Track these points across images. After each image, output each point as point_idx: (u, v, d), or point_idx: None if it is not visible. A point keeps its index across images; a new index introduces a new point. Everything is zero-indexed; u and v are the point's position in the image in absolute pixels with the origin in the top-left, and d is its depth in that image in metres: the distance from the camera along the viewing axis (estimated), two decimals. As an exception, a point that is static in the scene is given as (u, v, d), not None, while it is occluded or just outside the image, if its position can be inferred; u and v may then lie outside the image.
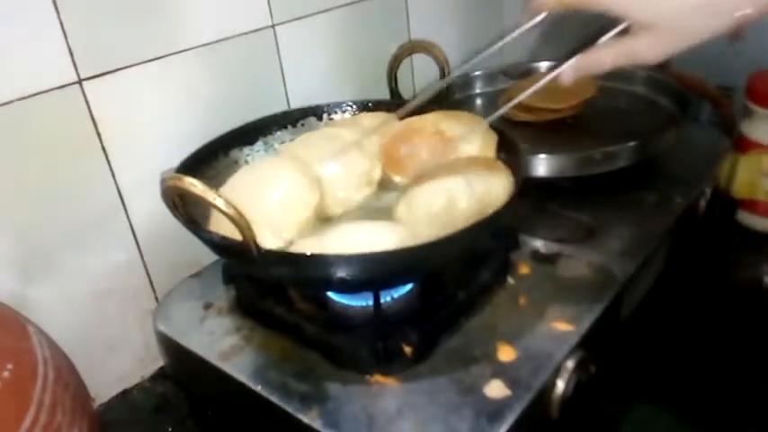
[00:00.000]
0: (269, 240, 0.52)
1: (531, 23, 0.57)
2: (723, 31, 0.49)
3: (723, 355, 0.72)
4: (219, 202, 0.43)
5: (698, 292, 0.79)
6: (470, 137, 0.65)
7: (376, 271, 0.50)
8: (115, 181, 0.66)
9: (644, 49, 0.50)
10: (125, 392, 0.70)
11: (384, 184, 0.65)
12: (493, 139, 0.66)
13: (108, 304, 0.68)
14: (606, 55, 0.52)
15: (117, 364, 0.70)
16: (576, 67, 0.54)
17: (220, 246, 0.49)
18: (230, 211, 0.43)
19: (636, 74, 0.96)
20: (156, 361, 0.72)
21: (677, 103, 0.87)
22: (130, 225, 0.69)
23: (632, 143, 0.76)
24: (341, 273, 0.48)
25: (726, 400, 0.67)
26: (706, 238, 0.84)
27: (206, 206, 0.53)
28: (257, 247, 0.46)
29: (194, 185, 0.43)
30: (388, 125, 0.68)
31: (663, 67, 1.11)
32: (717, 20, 0.48)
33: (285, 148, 0.69)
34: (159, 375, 0.72)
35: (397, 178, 0.65)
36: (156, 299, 0.73)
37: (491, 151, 0.65)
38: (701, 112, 1.01)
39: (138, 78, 0.66)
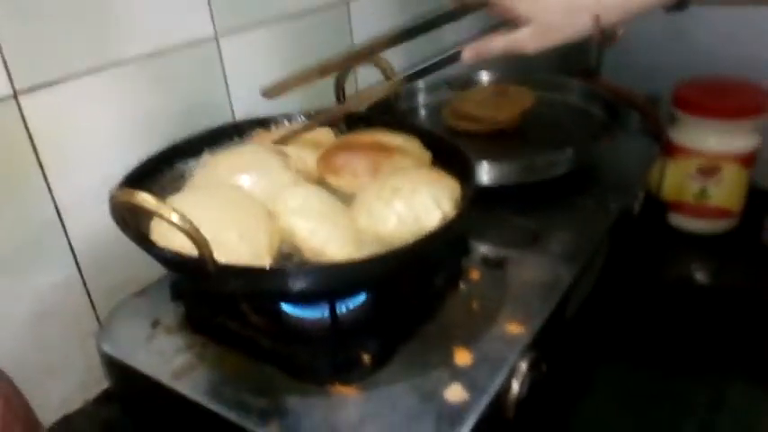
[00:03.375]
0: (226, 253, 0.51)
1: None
2: (588, 30, 0.57)
3: (658, 346, 0.76)
4: (175, 218, 0.41)
5: (633, 290, 0.83)
6: (406, 147, 0.67)
7: (335, 282, 0.50)
8: (53, 198, 0.63)
9: (526, 40, 0.59)
10: (67, 418, 0.67)
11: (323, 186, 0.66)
12: (427, 154, 0.68)
13: (48, 327, 0.65)
14: (498, 41, 0.60)
15: (59, 388, 0.67)
16: (473, 48, 0.61)
17: (174, 262, 0.48)
18: (186, 227, 0.42)
19: (570, 85, 1.00)
20: (100, 383, 0.69)
21: (608, 113, 0.92)
22: (69, 243, 0.66)
23: (570, 151, 0.79)
24: (299, 285, 0.48)
25: (663, 388, 0.71)
26: (640, 239, 0.88)
27: (147, 221, 0.52)
28: (214, 262, 0.45)
29: (147, 200, 0.42)
30: (323, 135, 0.69)
31: (593, 78, 1.17)
32: (579, 19, 0.57)
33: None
34: (104, 398, 0.69)
35: (335, 183, 0.65)
36: (98, 319, 0.70)
37: (425, 163, 0.67)
38: (630, 120, 1.06)
39: (78, 91, 0.63)
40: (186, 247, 0.46)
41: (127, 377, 0.61)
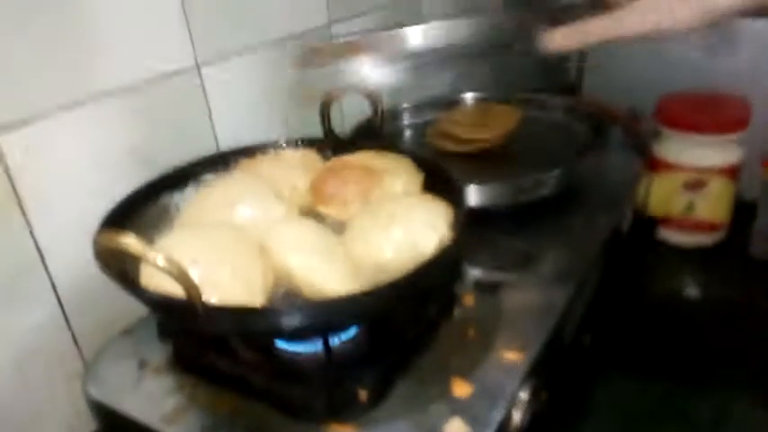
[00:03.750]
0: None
1: None
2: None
3: (656, 362, 0.76)
4: (161, 261, 0.40)
5: (627, 306, 0.83)
6: (396, 171, 0.66)
7: (333, 318, 0.48)
8: (33, 236, 0.61)
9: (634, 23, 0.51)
10: (55, 465, 0.64)
11: (313, 217, 0.64)
12: (418, 176, 0.67)
13: (31, 369, 0.63)
14: (596, 27, 0.53)
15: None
16: (565, 34, 0.55)
17: (162, 306, 0.46)
18: (173, 270, 0.40)
19: (553, 102, 1.01)
20: (90, 425, 0.66)
21: (592, 129, 0.92)
22: (51, 282, 0.64)
23: (557, 170, 0.79)
24: (294, 323, 0.46)
25: (665, 405, 0.71)
26: (629, 254, 0.88)
27: (136, 260, 0.50)
28: (203, 304, 0.43)
29: (131, 244, 0.40)
30: (312, 159, 0.68)
31: (575, 94, 1.18)
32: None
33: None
34: (94, 441, 0.66)
35: (325, 211, 0.64)
36: (83, 359, 0.68)
37: (416, 186, 0.66)
38: (612, 136, 1.07)
39: (55, 126, 0.61)
40: (178, 288, 0.44)
41: (115, 422, 0.59)
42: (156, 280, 0.49)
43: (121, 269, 0.48)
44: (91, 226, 0.53)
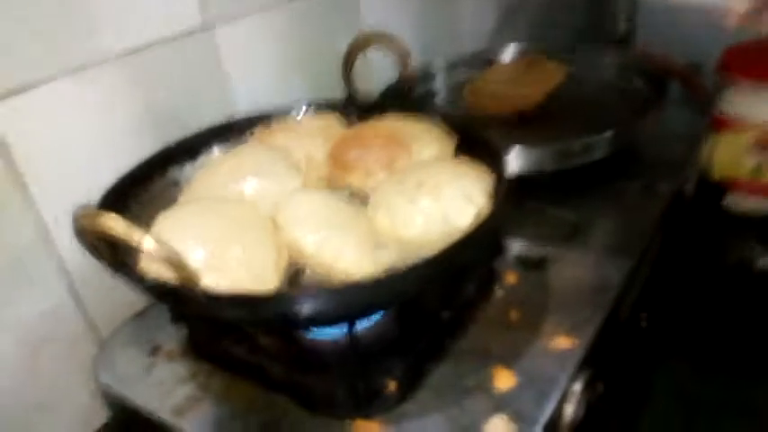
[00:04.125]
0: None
1: None
2: None
3: (724, 345, 0.67)
4: (149, 244, 0.34)
5: (690, 282, 0.74)
6: (426, 137, 0.59)
7: (353, 305, 0.42)
8: (37, 216, 0.57)
9: None
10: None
11: (333, 188, 0.58)
12: (451, 141, 0.59)
13: (43, 356, 0.59)
14: None
15: (54, 425, 0.61)
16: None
17: (157, 292, 0.41)
18: (164, 254, 0.34)
19: (603, 56, 0.91)
20: (106, 415, 0.63)
21: (652, 85, 0.82)
22: (60, 263, 0.60)
23: (611, 131, 0.70)
24: (309, 311, 0.40)
25: (734, 394, 0.63)
26: (694, 224, 0.79)
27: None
28: (202, 291, 0.38)
29: (113, 225, 0.34)
30: (333, 128, 0.61)
31: (626, 47, 1.07)
32: None
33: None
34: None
35: (346, 181, 0.58)
36: (99, 343, 0.64)
37: (448, 153, 0.59)
38: (670, 92, 0.97)
39: (54, 95, 0.56)
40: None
41: (126, 411, 0.55)
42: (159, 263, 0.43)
43: (117, 253, 0.43)
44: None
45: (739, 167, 0.87)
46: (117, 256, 0.43)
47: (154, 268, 0.43)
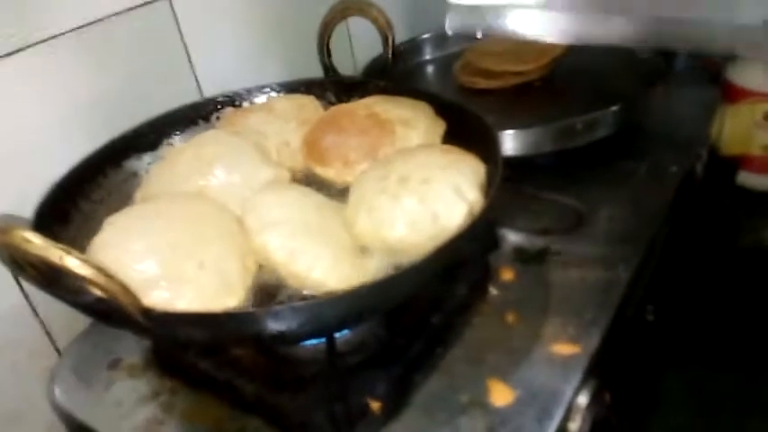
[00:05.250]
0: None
1: None
2: None
3: (740, 342, 0.62)
4: (71, 262, 0.28)
5: (701, 270, 0.69)
6: (412, 120, 0.53)
7: (327, 320, 0.36)
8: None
9: None
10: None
11: (309, 180, 0.52)
12: (440, 125, 0.53)
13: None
14: None
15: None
16: None
17: (93, 313, 0.35)
18: (88, 273, 0.29)
19: (606, 23, 0.84)
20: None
21: (660, 54, 0.76)
22: (9, 267, 0.54)
23: (615, 107, 0.64)
24: (278, 329, 0.34)
25: (751, 397, 0.58)
26: (705, 204, 0.73)
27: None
28: (143, 310, 0.32)
29: (29, 241, 0.28)
30: (309, 110, 0.55)
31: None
32: None
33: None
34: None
35: (322, 172, 0.52)
36: (58, 351, 0.58)
37: (437, 137, 0.53)
38: (677, 61, 0.90)
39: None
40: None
41: (82, 433, 0.50)
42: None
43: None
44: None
45: (751, 142, 0.81)
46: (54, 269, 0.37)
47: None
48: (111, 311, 0.33)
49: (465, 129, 0.52)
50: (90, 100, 0.58)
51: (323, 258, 0.40)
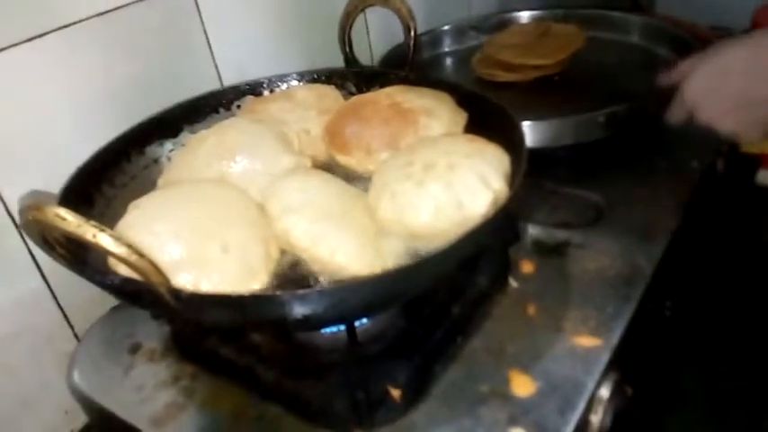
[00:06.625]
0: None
1: None
2: None
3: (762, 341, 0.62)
4: (105, 241, 0.28)
5: (721, 264, 0.68)
6: (434, 110, 0.52)
7: (352, 305, 0.36)
8: (3, 201, 0.51)
9: None
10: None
11: (330, 168, 0.52)
12: (462, 115, 0.53)
13: (16, 351, 0.55)
14: None
15: (36, 421, 0.57)
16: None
17: (122, 293, 0.35)
18: (122, 251, 0.29)
19: (627, 20, 0.84)
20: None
21: (677, 52, 0.75)
22: (29, 251, 0.54)
23: (636, 101, 0.64)
24: (301, 313, 0.34)
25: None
26: (725, 202, 0.72)
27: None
28: (172, 291, 0.32)
29: (62, 219, 0.28)
30: (330, 99, 0.55)
31: (646, 10, 1.00)
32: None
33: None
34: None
35: (343, 160, 0.52)
36: (76, 337, 0.58)
37: (459, 128, 0.52)
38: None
39: (14, 64, 0.50)
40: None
41: (102, 417, 0.50)
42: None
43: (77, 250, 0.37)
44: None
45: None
46: (80, 249, 0.38)
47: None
48: (141, 292, 0.33)
49: (487, 119, 0.52)
50: (111, 86, 0.58)
51: (346, 242, 0.40)
